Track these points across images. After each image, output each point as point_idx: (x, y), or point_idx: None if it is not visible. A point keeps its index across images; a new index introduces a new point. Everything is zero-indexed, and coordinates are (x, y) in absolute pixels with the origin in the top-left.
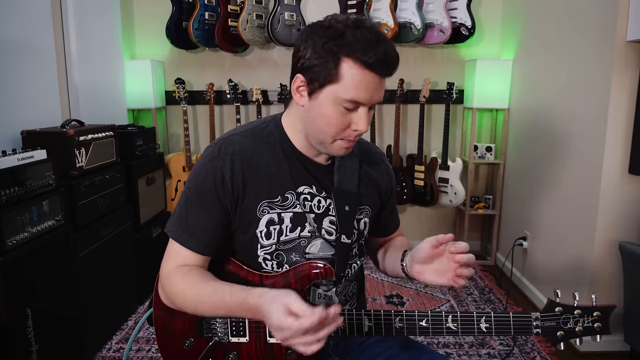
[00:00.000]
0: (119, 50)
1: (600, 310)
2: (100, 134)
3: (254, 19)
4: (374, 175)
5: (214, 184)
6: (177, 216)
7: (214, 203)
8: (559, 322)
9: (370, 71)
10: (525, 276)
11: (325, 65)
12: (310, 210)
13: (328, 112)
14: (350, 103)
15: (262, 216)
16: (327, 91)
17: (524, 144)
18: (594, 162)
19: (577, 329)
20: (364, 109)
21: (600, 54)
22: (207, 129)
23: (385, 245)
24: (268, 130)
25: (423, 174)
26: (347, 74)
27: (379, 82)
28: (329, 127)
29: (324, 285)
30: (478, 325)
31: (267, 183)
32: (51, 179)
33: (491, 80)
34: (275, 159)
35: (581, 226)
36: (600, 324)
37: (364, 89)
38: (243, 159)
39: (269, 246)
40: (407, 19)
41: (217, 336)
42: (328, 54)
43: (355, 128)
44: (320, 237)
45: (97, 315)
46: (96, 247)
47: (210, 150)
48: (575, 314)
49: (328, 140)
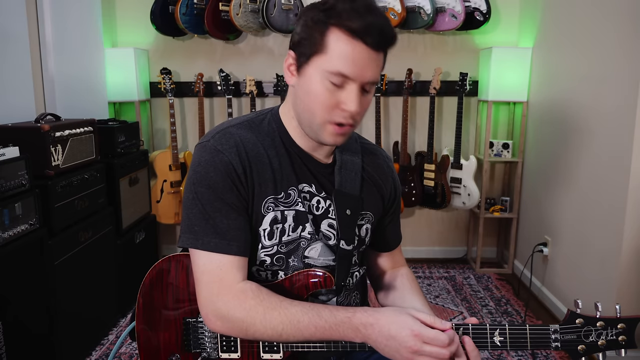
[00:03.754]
0: (99, 37)
1: (625, 322)
2: (79, 130)
3: (247, 3)
4: (378, 179)
5: (229, 179)
6: (202, 226)
7: (237, 198)
8: (580, 335)
9: (359, 41)
10: (545, 286)
11: (312, 36)
12: (309, 210)
13: (315, 87)
14: (336, 76)
15: (267, 214)
16: (313, 64)
17: (544, 141)
18: (622, 161)
19: (599, 343)
20: (354, 87)
21: (628, 42)
22: (196, 123)
23: (395, 281)
24: (266, 123)
25: (433, 173)
26: (333, 44)
27: (370, 55)
28: (316, 105)
29: (324, 294)
30: (492, 338)
31: (271, 178)
32: (24, 178)
33: (508, 71)
34: (277, 152)
35: (607, 231)
36: (625, 337)
37: (352, 61)
38: (247, 152)
39: (270, 247)
40: (416, 3)
41: (206, 352)
42: (316, 25)
43: (344, 108)
44: (320, 241)
45: (75, 329)
46: (74, 254)
47: (209, 145)
48: (598, 325)
49: (316, 121)
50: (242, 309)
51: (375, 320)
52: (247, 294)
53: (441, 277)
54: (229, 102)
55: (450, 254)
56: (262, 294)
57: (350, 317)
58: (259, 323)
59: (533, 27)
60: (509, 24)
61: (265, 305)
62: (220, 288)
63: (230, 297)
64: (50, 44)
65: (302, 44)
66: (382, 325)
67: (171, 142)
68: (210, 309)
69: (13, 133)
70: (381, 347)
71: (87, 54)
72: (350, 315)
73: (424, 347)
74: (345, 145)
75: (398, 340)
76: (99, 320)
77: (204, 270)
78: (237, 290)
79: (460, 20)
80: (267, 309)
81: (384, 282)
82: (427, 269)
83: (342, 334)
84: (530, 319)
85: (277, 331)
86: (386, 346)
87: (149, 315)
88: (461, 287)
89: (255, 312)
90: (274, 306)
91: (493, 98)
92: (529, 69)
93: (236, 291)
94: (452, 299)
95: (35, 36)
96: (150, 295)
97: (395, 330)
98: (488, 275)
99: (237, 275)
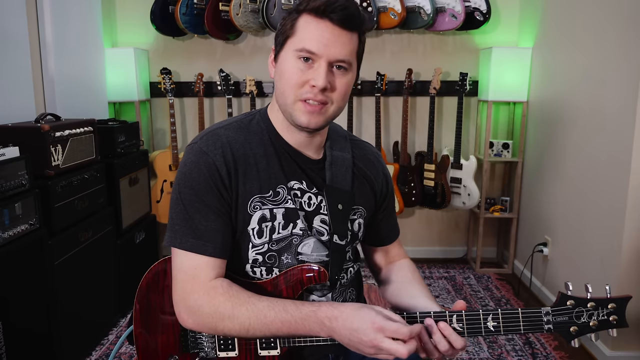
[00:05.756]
0: (99, 37)
1: (616, 301)
2: (79, 130)
3: (247, 3)
4: (369, 174)
5: (212, 181)
6: (182, 226)
7: (218, 200)
8: (571, 316)
9: (324, 18)
10: (545, 286)
11: (285, 25)
12: (300, 207)
13: (287, 68)
14: (303, 53)
15: (254, 213)
16: (286, 48)
17: (544, 141)
18: (621, 160)
19: (591, 323)
20: (322, 63)
21: (628, 42)
22: (196, 123)
23: (392, 275)
24: (254, 122)
25: (433, 173)
26: (301, 26)
27: (335, 31)
28: (288, 84)
29: (318, 290)
30: (485, 324)
31: (257, 177)
32: (24, 178)
33: (508, 70)
34: (265, 151)
35: (607, 231)
36: (616, 317)
37: (318, 38)
38: (233, 153)
39: (260, 245)
40: (416, 3)
41: (204, 351)
42: (289, 15)
43: (312, 83)
44: (312, 236)
45: (74, 329)
46: (74, 254)
47: (196, 147)
48: (589, 306)
49: (289, 101)
50: (211, 305)
51: (339, 313)
52: (217, 290)
53: (441, 277)
54: (229, 102)
55: (450, 254)
56: (232, 290)
57: (315, 311)
58: (227, 319)
59: (533, 27)
60: (509, 24)
61: (234, 301)
62: (193, 285)
63: (201, 294)
64: (50, 44)
65: (278, 35)
66: (345, 319)
67: (171, 142)
68: (182, 306)
69: (13, 133)
70: (345, 341)
71: (87, 54)
72: (315, 309)
73: (384, 341)
74: (334, 142)
75: (360, 333)
76: (99, 321)
77: (179, 268)
78: (208, 287)
79: (460, 20)
80: (235, 304)
81: (382, 276)
82: (427, 269)
83: (308, 328)
84: None
85: (244, 327)
86: (350, 340)
87: (147, 319)
88: (461, 287)
89: (223, 308)
90: (242, 302)
91: (493, 98)
92: (529, 69)
93: (207, 288)
94: (452, 299)
95: (35, 36)
96: (147, 299)
97: (357, 323)
98: (488, 275)
99: (211, 275)
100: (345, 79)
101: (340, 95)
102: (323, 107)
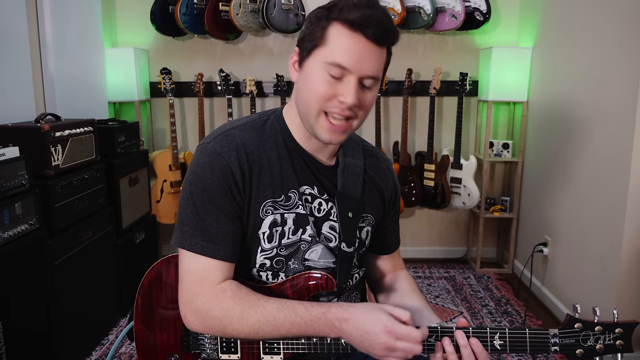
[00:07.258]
0: (99, 37)
1: (623, 326)
2: (79, 130)
3: (247, 3)
4: (379, 183)
5: (225, 184)
6: (192, 227)
7: (230, 203)
8: (578, 339)
9: (358, 32)
10: (545, 286)
11: (314, 31)
12: (310, 212)
13: (314, 78)
14: (334, 68)
15: (266, 217)
16: (314, 57)
17: (544, 141)
18: (621, 160)
19: (597, 347)
20: (352, 79)
21: (628, 42)
22: (196, 123)
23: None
24: (269, 124)
25: (433, 173)
26: (333, 36)
27: (369, 48)
28: (313, 95)
29: (324, 297)
30: (492, 342)
31: (270, 181)
32: (24, 178)
33: (508, 70)
34: (278, 154)
35: (607, 231)
36: (622, 342)
37: (350, 52)
38: (247, 155)
39: (269, 250)
40: (416, 3)
41: (206, 352)
42: (319, 21)
43: (341, 99)
44: (321, 243)
45: (74, 329)
46: (74, 254)
47: (210, 147)
48: (596, 330)
49: (313, 113)
50: (220, 308)
51: (349, 315)
52: (225, 293)
53: (441, 277)
54: (229, 102)
55: (450, 254)
56: (240, 293)
57: (325, 313)
58: (236, 322)
59: (533, 27)
60: (509, 24)
61: (243, 303)
62: (201, 288)
63: (209, 296)
64: (50, 44)
65: (305, 40)
66: (356, 321)
67: (171, 142)
68: (189, 308)
69: (13, 133)
70: (356, 342)
71: (87, 54)
72: (325, 311)
73: (396, 343)
74: (347, 148)
75: (372, 336)
76: (99, 320)
77: (187, 270)
78: (216, 290)
79: (460, 20)
80: (244, 307)
81: (384, 284)
82: (427, 269)
83: (317, 329)
84: (530, 319)
85: (254, 329)
86: (360, 341)
87: (148, 316)
88: (461, 287)
89: (232, 311)
90: (252, 304)
91: (493, 98)
92: (529, 69)
93: (216, 291)
94: (452, 299)
95: (35, 36)
96: (149, 296)
97: (369, 326)
98: (488, 275)
99: (220, 278)
100: (372, 94)
101: (365, 110)
102: (347, 123)
